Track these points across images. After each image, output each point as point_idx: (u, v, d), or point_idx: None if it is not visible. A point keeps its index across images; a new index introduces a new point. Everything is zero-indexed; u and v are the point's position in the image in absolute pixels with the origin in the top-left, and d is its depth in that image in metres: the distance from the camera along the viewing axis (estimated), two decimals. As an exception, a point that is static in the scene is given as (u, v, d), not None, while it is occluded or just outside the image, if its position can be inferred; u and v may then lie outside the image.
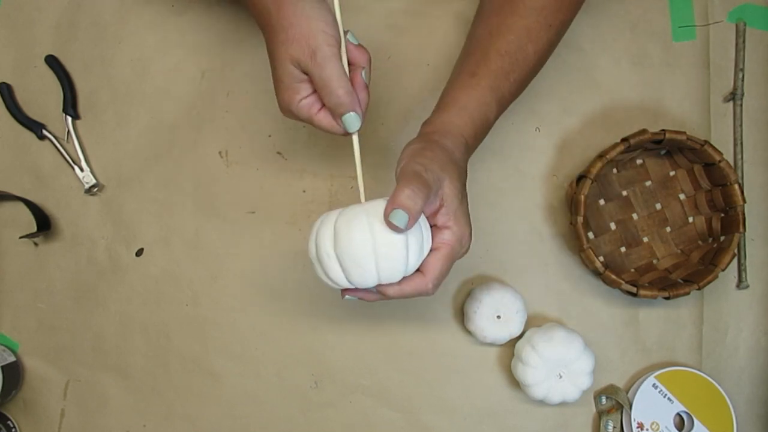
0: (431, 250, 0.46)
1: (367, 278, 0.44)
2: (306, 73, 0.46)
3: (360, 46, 0.49)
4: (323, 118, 0.48)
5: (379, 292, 0.47)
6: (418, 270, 0.46)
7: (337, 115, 0.47)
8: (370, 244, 0.43)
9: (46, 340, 0.65)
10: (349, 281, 0.45)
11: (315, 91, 0.48)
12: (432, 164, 0.45)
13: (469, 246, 0.48)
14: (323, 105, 0.48)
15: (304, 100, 0.48)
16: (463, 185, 0.49)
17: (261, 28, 0.49)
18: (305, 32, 0.45)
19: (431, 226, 0.47)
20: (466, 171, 0.50)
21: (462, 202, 0.48)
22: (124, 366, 0.64)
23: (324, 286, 0.64)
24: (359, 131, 0.48)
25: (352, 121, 0.47)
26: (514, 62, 0.52)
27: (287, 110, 0.48)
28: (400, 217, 0.42)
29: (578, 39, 0.65)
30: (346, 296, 0.48)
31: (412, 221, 0.43)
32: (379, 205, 0.44)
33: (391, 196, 0.43)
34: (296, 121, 0.49)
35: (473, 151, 0.52)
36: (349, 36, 0.48)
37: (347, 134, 0.48)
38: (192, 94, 0.65)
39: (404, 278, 0.46)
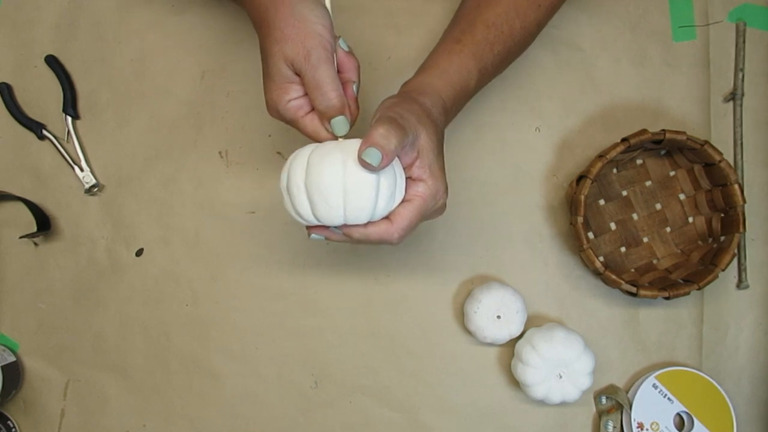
0: (403, 201, 0.46)
1: (333, 215, 0.44)
2: (298, 74, 0.46)
3: (350, 53, 0.49)
4: (309, 122, 0.48)
5: (344, 233, 0.46)
6: (387, 218, 0.46)
7: (326, 118, 0.47)
8: (340, 179, 0.43)
9: (46, 340, 0.65)
10: (316, 217, 0.45)
11: (305, 94, 0.47)
12: (408, 115, 0.45)
13: (443, 203, 0.48)
14: (311, 109, 0.48)
15: (293, 102, 0.47)
16: (440, 142, 0.48)
17: (256, 26, 0.49)
18: (302, 32, 0.45)
19: (407, 179, 0.46)
20: (443, 132, 0.50)
21: (438, 157, 0.47)
22: (124, 366, 0.64)
23: (325, 286, 0.64)
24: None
25: (341, 125, 0.47)
26: (499, 35, 0.53)
27: (274, 109, 0.48)
28: (373, 155, 0.42)
29: (578, 39, 0.65)
30: (312, 234, 0.48)
31: (386, 161, 0.42)
32: (355, 144, 0.44)
33: (366, 135, 0.43)
34: (281, 122, 0.49)
35: (452, 117, 0.53)
36: (340, 42, 0.48)
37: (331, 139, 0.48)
38: (192, 94, 0.66)
39: (371, 222, 0.45)
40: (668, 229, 0.64)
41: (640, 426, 0.61)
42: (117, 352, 0.64)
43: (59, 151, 0.65)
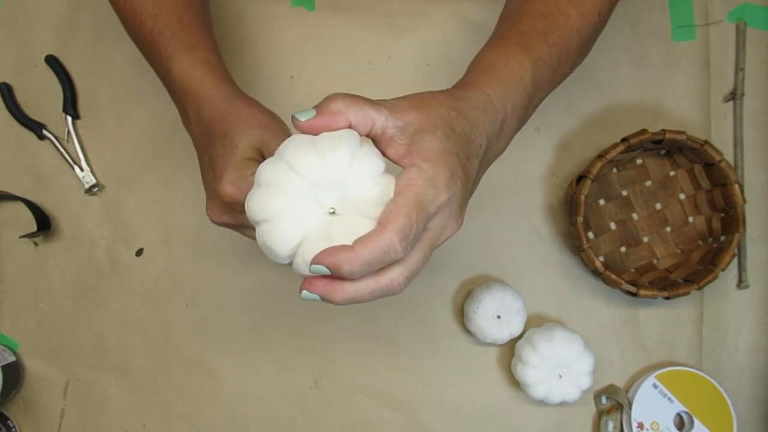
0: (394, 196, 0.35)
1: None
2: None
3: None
4: None
5: (331, 270, 0.33)
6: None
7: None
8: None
9: (46, 340, 0.65)
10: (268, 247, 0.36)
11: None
12: (401, 101, 0.37)
13: (448, 195, 0.36)
14: None
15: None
16: (451, 127, 0.37)
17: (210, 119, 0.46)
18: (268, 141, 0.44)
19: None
20: (475, 121, 0.39)
21: (444, 140, 0.36)
22: (124, 366, 0.64)
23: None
24: None
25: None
26: (551, 23, 0.44)
27: (230, 195, 0.42)
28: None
29: (578, 39, 0.65)
30: (304, 292, 0.35)
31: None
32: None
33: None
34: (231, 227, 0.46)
35: (509, 119, 0.42)
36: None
37: None
38: (192, 94, 0.65)
39: (357, 240, 0.33)
40: (668, 229, 0.64)
41: (640, 426, 0.61)
42: (117, 352, 0.64)
43: (59, 151, 0.65)
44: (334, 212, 0.35)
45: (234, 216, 0.45)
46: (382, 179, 0.35)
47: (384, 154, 0.37)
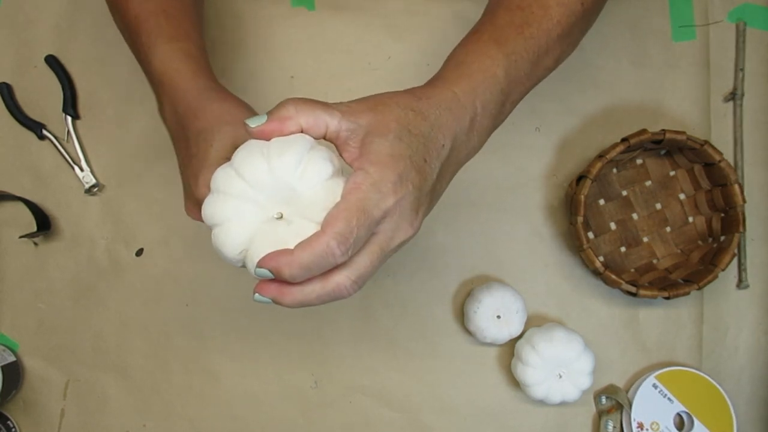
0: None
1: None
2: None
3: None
4: None
5: (274, 274, 0.35)
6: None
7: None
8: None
9: (46, 340, 0.65)
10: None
11: None
12: (356, 104, 0.37)
13: (396, 199, 0.35)
14: None
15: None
16: (407, 131, 0.37)
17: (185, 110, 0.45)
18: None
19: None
20: (436, 121, 0.38)
21: (395, 143, 0.36)
22: (124, 366, 0.64)
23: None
24: None
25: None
26: (529, 15, 0.43)
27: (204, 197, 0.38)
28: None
29: (578, 39, 0.65)
30: (256, 295, 0.38)
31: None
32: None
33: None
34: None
35: (480, 116, 0.41)
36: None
37: None
38: (192, 94, 0.65)
39: (297, 245, 0.34)
40: (668, 229, 0.64)
41: (640, 426, 0.61)
42: (117, 352, 0.64)
43: (59, 151, 0.65)
44: (281, 217, 0.36)
45: None
46: (330, 183, 0.35)
47: (342, 158, 0.37)
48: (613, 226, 0.64)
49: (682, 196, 0.64)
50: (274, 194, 0.36)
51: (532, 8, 0.43)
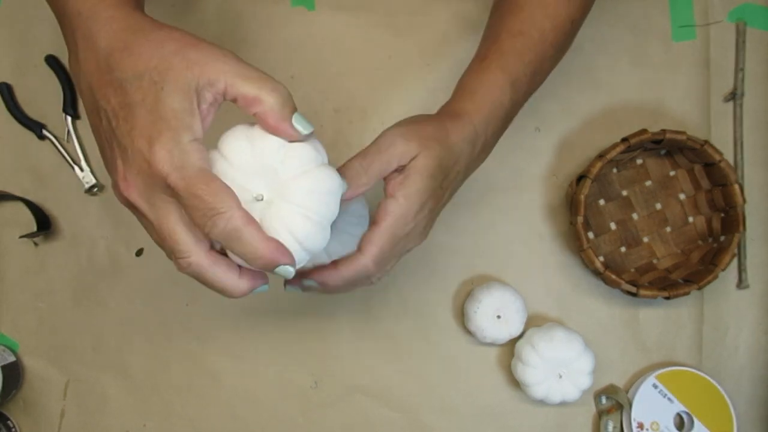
0: (371, 226, 0.42)
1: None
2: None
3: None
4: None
5: (320, 285, 0.43)
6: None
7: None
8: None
9: (46, 340, 0.65)
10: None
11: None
12: (409, 133, 0.42)
13: (418, 232, 0.43)
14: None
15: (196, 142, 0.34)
16: (442, 168, 0.43)
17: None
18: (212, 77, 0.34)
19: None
20: (460, 154, 0.44)
21: (428, 181, 0.41)
22: (124, 366, 0.64)
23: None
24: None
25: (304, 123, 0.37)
26: (528, 41, 0.47)
27: (164, 173, 0.33)
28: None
29: (578, 39, 0.64)
30: (288, 286, 0.44)
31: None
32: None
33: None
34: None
35: (489, 140, 0.47)
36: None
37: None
38: (192, 94, 0.65)
39: (341, 260, 0.42)
40: (668, 229, 0.64)
41: (640, 426, 0.61)
42: (117, 352, 0.64)
43: (59, 151, 0.65)
44: (262, 198, 0.37)
45: (152, 199, 0.35)
46: (311, 167, 0.37)
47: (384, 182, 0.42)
48: (613, 226, 0.64)
49: (682, 196, 0.64)
50: (256, 175, 0.37)
51: (531, 32, 0.48)
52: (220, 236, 0.34)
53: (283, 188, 0.37)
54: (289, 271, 0.36)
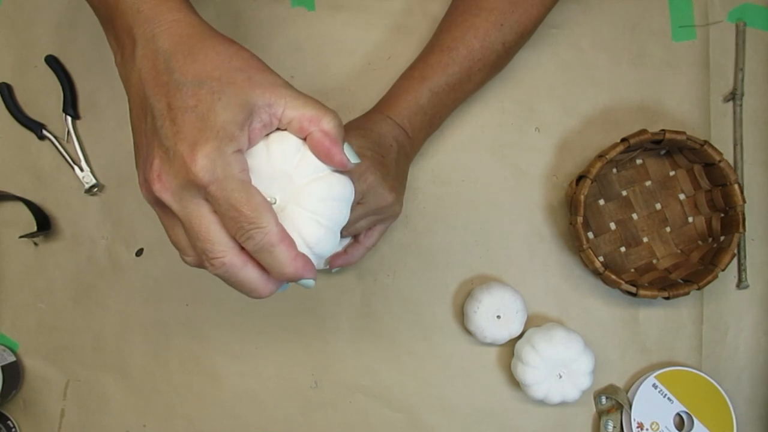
0: None
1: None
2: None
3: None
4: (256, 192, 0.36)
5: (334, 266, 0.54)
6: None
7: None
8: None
9: (46, 340, 0.65)
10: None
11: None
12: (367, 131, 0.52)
13: (366, 185, 0.49)
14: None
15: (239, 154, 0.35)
16: (365, 141, 0.51)
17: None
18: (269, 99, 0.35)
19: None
20: (375, 132, 0.52)
21: (359, 139, 0.51)
22: (124, 366, 0.64)
23: (325, 287, 0.64)
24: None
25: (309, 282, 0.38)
26: (455, 56, 0.54)
27: (200, 178, 0.33)
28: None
29: (578, 39, 0.65)
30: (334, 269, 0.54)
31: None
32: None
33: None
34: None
35: (416, 128, 0.55)
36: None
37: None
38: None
39: (349, 248, 0.54)
40: (668, 229, 0.64)
41: (640, 426, 0.61)
42: (117, 352, 0.64)
43: (59, 151, 0.65)
44: (275, 202, 0.37)
45: (185, 200, 0.36)
46: (325, 174, 0.38)
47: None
48: (613, 226, 0.64)
49: (681, 196, 0.64)
50: (270, 180, 0.37)
51: (459, 49, 0.54)
52: (253, 248, 0.35)
53: (296, 193, 0.37)
54: (311, 283, 0.37)
